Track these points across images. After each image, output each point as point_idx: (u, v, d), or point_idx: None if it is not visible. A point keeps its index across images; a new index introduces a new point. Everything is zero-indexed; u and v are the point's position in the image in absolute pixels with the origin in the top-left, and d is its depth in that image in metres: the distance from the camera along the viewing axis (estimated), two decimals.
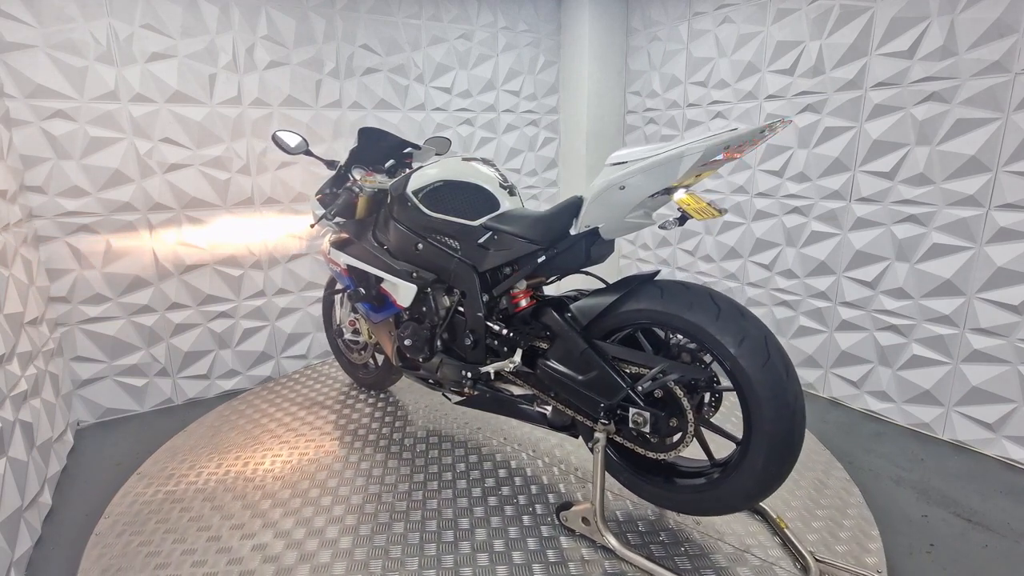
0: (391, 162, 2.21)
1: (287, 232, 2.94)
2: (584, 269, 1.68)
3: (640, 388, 1.49)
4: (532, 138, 3.65)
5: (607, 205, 1.46)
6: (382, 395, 2.70)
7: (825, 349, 2.73)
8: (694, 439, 1.50)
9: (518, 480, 1.96)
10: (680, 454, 1.53)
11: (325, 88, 2.90)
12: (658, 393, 1.49)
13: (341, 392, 2.73)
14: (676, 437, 1.52)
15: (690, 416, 1.46)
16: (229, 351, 2.89)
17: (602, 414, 1.54)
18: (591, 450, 1.63)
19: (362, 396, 2.69)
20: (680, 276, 3.43)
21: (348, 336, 2.54)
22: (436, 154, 2.38)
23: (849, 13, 2.38)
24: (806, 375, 2.83)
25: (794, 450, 1.34)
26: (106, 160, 2.43)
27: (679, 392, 1.46)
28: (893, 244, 2.39)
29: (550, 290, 2.16)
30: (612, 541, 1.57)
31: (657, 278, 1.54)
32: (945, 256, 2.24)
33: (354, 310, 2.47)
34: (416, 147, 2.31)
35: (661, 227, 1.45)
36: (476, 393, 1.92)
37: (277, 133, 2.20)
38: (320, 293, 3.10)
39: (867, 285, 2.51)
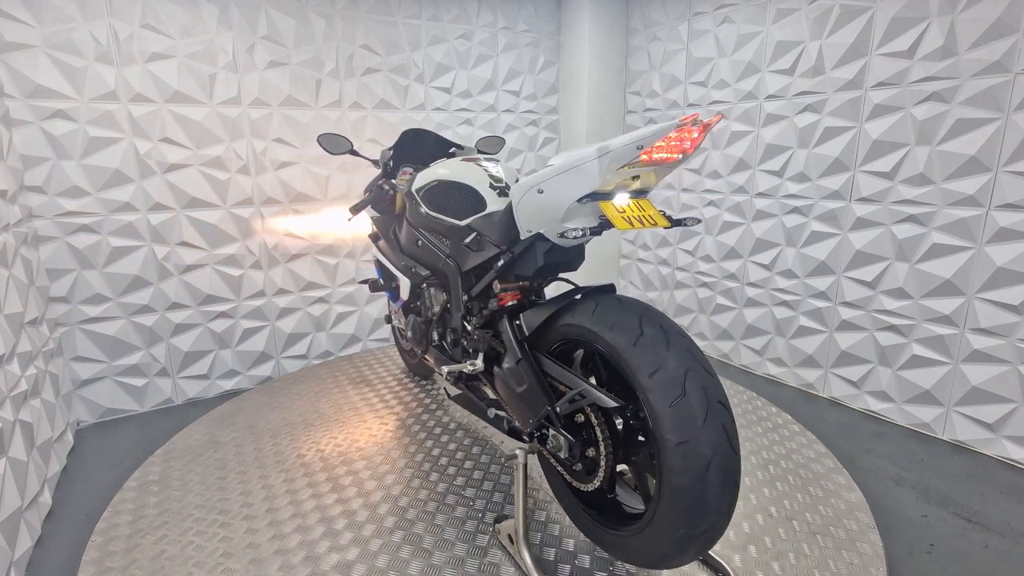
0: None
1: (287, 232, 2.94)
2: (561, 275, 1.62)
3: (559, 408, 1.38)
4: (532, 138, 3.65)
5: (534, 209, 1.38)
6: (417, 385, 2.75)
7: (825, 349, 2.73)
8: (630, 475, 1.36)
9: (487, 484, 1.94)
10: (616, 489, 1.41)
11: (325, 88, 2.90)
12: (579, 417, 1.38)
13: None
14: (596, 470, 1.37)
15: (603, 449, 1.32)
16: (229, 351, 2.89)
17: (529, 430, 1.46)
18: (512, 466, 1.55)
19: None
20: (680, 276, 3.44)
21: (396, 323, 2.62)
22: (480, 152, 2.38)
23: (849, 13, 2.38)
24: (806, 375, 2.83)
25: (706, 512, 1.13)
26: (106, 160, 2.43)
27: (595, 420, 1.33)
28: (893, 244, 2.39)
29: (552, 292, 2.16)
30: (528, 562, 1.50)
31: (614, 293, 1.43)
32: (945, 256, 2.24)
33: None
34: (459, 147, 2.32)
35: (563, 235, 1.35)
36: (459, 392, 1.94)
37: (321, 136, 2.21)
38: (319, 293, 3.10)
39: (867, 285, 2.51)
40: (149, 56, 2.45)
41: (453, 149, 2.34)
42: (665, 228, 1.37)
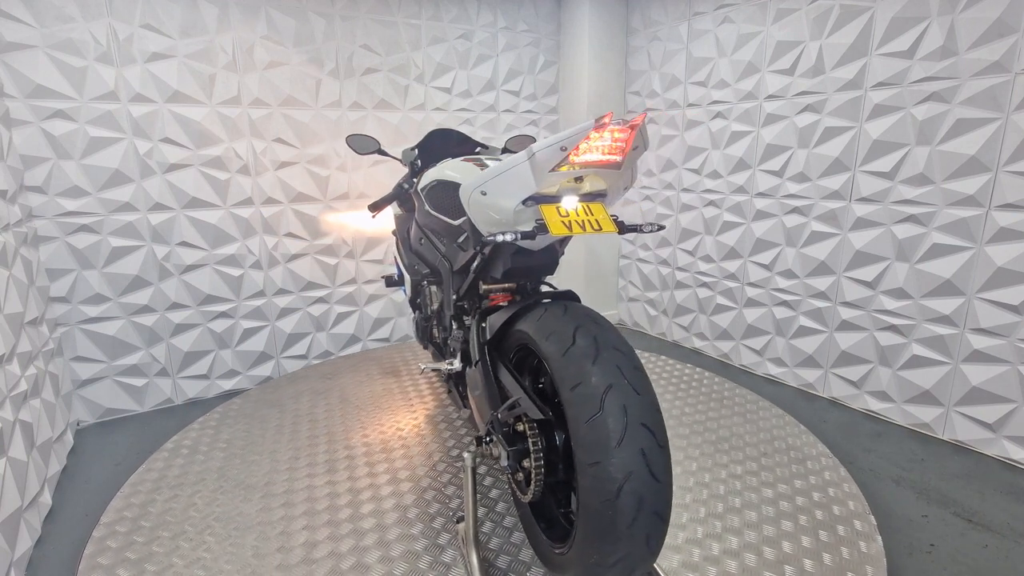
0: None
1: (287, 232, 2.94)
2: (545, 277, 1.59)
3: (499, 415, 1.35)
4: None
5: (482, 211, 1.36)
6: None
7: (825, 349, 2.72)
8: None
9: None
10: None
11: (325, 88, 2.90)
12: (520, 426, 1.34)
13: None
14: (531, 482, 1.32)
15: (532, 461, 1.27)
16: (229, 351, 2.88)
17: (478, 434, 1.44)
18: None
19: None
20: (680, 276, 3.44)
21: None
22: (508, 151, 2.37)
23: (849, 13, 2.38)
24: (806, 375, 2.83)
25: (617, 540, 1.06)
26: (106, 160, 2.43)
27: (528, 430, 1.29)
28: (893, 244, 2.39)
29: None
30: (473, 564, 1.49)
31: (563, 300, 1.39)
32: (945, 256, 2.24)
33: None
34: (484, 147, 2.32)
35: (490, 237, 1.32)
36: (452, 390, 1.96)
37: (350, 137, 2.21)
38: (319, 293, 3.10)
39: (867, 285, 2.51)
40: (149, 56, 2.45)
41: (479, 149, 2.32)
42: (615, 233, 1.31)
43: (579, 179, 1.25)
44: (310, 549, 1.66)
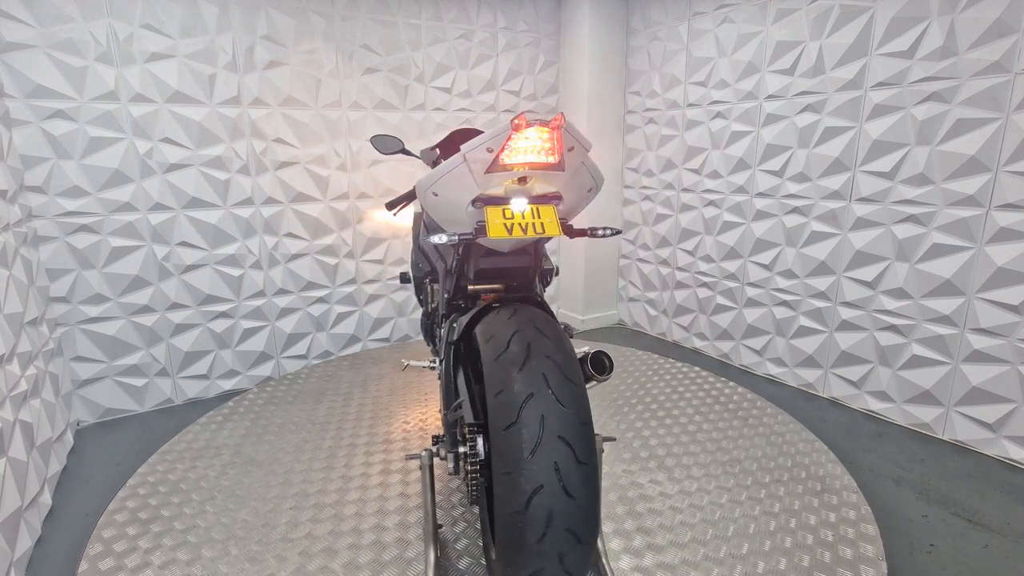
0: None
1: (287, 232, 2.94)
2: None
3: (448, 415, 1.33)
4: None
5: (438, 211, 1.35)
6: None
7: (825, 349, 2.72)
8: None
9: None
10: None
11: (325, 88, 2.90)
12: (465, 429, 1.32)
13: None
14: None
15: (467, 464, 1.25)
16: (229, 351, 2.88)
17: (436, 434, 1.43)
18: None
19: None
20: (680, 276, 3.44)
21: None
22: None
23: (849, 13, 2.38)
24: (806, 375, 2.83)
25: (527, 555, 1.03)
26: (106, 160, 2.43)
27: (467, 433, 1.27)
28: (893, 244, 2.39)
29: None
30: (429, 561, 1.49)
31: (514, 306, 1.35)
32: (945, 256, 2.24)
33: None
34: None
35: (428, 239, 1.32)
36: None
37: (374, 137, 2.19)
38: (319, 293, 3.10)
39: (867, 285, 2.51)
40: (149, 56, 2.45)
41: None
42: (560, 236, 1.27)
43: (523, 180, 1.24)
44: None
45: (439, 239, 1.26)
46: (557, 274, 2.45)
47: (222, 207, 2.74)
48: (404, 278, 2.50)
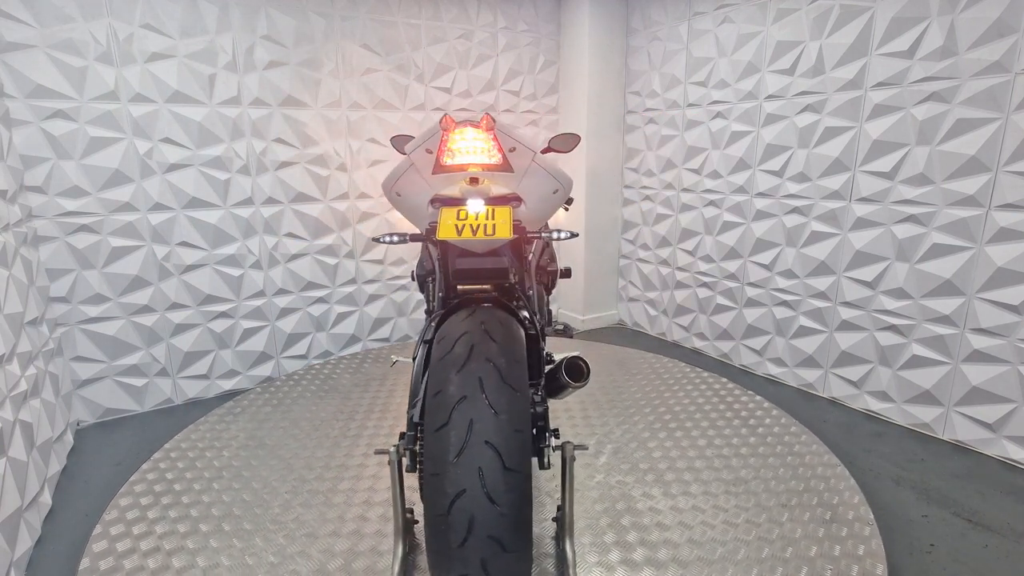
0: None
1: (287, 232, 2.94)
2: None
3: (408, 414, 1.34)
4: (531, 139, 3.65)
5: (406, 211, 1.34)
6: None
7: (825, 349, 2.72)
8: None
9: None
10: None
11: (325, 88, 2.90)
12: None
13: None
14: None
15: (416, 462, 1.25)
16: (229, 351, 2.88)
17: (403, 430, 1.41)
18: None
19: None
20: (680, 276, 3.44)
21: None
22: (553, 150, 2.35)
23: (849, 13, 2.38)
24: (806, 375, 2.83)
25: (450, 560, 1.02)
26: (106, 160, 2.43)
27: (418, 432, 1.26)
28: (893, 244, 2.39)
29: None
30: (397, 555, 1.48)
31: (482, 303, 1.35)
32: (945, 256, 2.24)
33: None
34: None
35: (375, 240, 1.32)
36: None
37: (394, 138, 2.18)
38: (319, 293, 3.10)
39: (867, 285, 2.51)
40: (149, 56, 2.45)
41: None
42: (508, 239, 1.25)
43: (475, 181, 1.23)
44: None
45: (387, 239, 1.27)
46: (565, 275, 2.43)
47: (222, 207, 2.74)
48: (414, 276, 2.52)
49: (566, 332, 2.57)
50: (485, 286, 1.55)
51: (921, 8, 2.16)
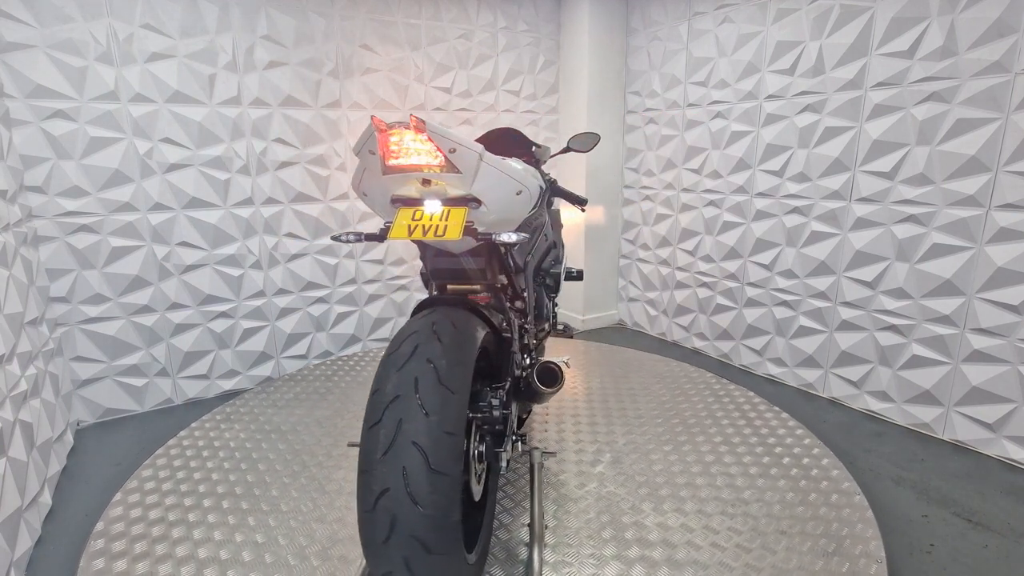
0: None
1: (287, 232, 2.94)
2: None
3: None
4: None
5: (375, 209, 1.36)
6: None
7: (825, 349, 2.72)
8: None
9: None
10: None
11: (325, 88, 2.90)
12: None
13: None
14: None
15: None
16: (229, 351, 2.88)
17: None
18: None
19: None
20: (680, 276, 3.44)
21: None
22: (571, 150, 2.32)
23: (849, 13, 2.38)
24: (806, 375, 2.83)
25: (378, 556, 1.05)
26: (106, 160, 2.43)
27: None
28: (893, 244, 2.39)
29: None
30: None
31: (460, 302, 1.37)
32: (945, 256, 2.24)
33: None
34: (537, 146, 2.27)
35: (334, 239, 1.35)
36: None
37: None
38: (319, 293, 3.10)
39: (867, 285, 2.51)
40: (149, 56, 2.45)
41: (534, 148, 2.28)
42: (457, 240, 1.26)
43: (427, 183, 1.24)
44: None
45: (345, 238, 1.29)
46: (576, 278, 2.40)
47: (222, 207, 2.74)
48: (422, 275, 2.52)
49: (566, 332, 2.56)
50: (464, 286, 1.54)
51: (921, 8, 2.16)
